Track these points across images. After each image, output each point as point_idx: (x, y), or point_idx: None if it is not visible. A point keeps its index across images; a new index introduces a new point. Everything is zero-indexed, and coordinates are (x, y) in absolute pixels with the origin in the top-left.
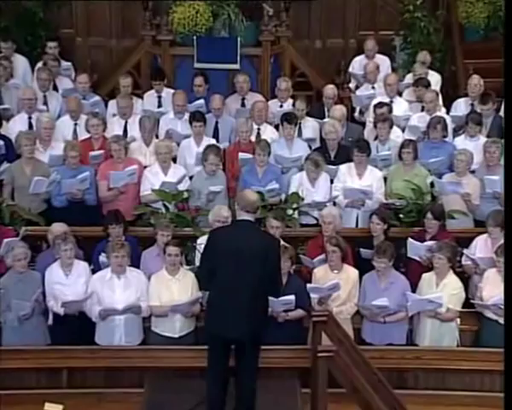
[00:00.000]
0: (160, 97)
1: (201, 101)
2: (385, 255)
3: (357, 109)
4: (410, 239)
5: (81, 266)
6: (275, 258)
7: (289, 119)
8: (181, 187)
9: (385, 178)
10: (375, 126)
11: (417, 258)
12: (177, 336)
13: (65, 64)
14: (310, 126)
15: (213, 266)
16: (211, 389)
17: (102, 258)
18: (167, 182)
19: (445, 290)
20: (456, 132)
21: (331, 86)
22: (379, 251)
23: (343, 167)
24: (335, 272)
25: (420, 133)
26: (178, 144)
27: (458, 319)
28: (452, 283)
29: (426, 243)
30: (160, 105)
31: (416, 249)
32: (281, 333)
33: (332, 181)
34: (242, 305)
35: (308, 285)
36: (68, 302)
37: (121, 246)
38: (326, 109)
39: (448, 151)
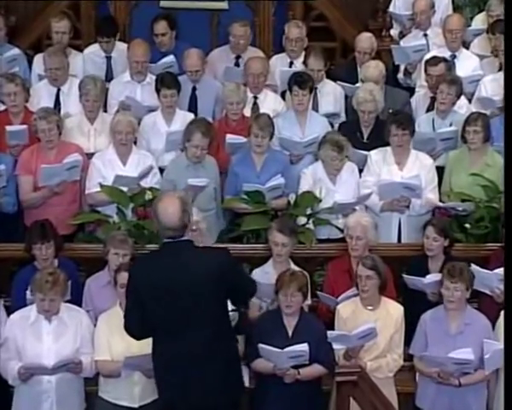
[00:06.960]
0: (108, 59)
1: (170, 57)
2: (461, 278)
3: (402, 68)
4: (473, 266)
5: None
6: (234, 274)
7: (301, 81)
8: (147, 183)
9: (441, 170)
10: (434, 92)
11: (487, 291)
12: (136, 405)
13: None
14: (330, 93)
15: (144, 314)
16: None
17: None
18: (124, 176)
19: None
20: None
21: (368, 35)
22: (453, 272)
23: (375, 154)
24: (369, 308)
25: (494, 108)
26: (139, 122)
27: None
28: None
29: (497, 271)
30: (108, 69)
31: (483, 279)
32: (289, 399)
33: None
34: (198, 359)
35: (329, 333)
36: None
37: (52, 286)
38: (360, 70)
39: None
